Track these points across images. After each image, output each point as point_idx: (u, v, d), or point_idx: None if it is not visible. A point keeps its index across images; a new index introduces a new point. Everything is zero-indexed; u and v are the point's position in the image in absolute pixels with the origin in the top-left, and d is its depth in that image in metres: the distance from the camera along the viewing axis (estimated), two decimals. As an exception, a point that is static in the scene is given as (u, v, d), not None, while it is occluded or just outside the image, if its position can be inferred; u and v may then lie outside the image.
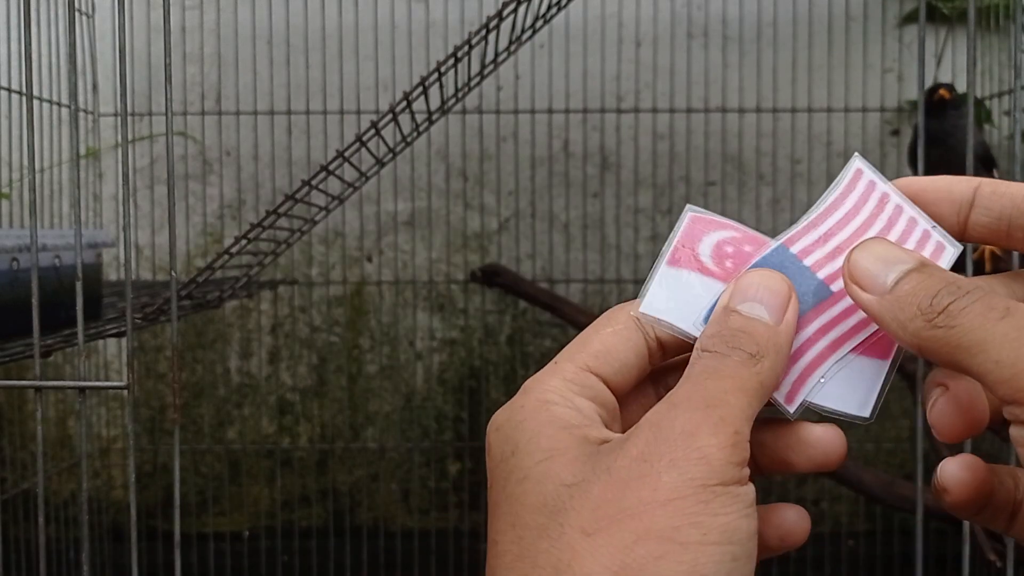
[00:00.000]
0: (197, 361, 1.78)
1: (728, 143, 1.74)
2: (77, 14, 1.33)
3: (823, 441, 0.32)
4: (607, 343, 0.31)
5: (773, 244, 0.32)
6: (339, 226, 1.75)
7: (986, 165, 1.37)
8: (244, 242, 1.00)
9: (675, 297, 0.32)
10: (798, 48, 1.71)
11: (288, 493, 1.79)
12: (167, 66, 0.70)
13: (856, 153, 0.34)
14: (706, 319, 0.31)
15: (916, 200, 0.32)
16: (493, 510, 0.30)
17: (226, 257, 1.01)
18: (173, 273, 0.73)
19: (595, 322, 0.32)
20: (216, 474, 1.79)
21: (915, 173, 1.37)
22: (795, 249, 0.32)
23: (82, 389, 0.73)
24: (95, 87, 1.72)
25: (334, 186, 1.12)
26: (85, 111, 1.70)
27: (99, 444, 1.78)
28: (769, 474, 0.32)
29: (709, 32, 1.73)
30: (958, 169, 1.25)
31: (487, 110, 1.72)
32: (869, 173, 0.33)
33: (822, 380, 0.31)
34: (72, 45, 0.71)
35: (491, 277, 1.69)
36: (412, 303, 1.77)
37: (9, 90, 1.37)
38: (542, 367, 0.32)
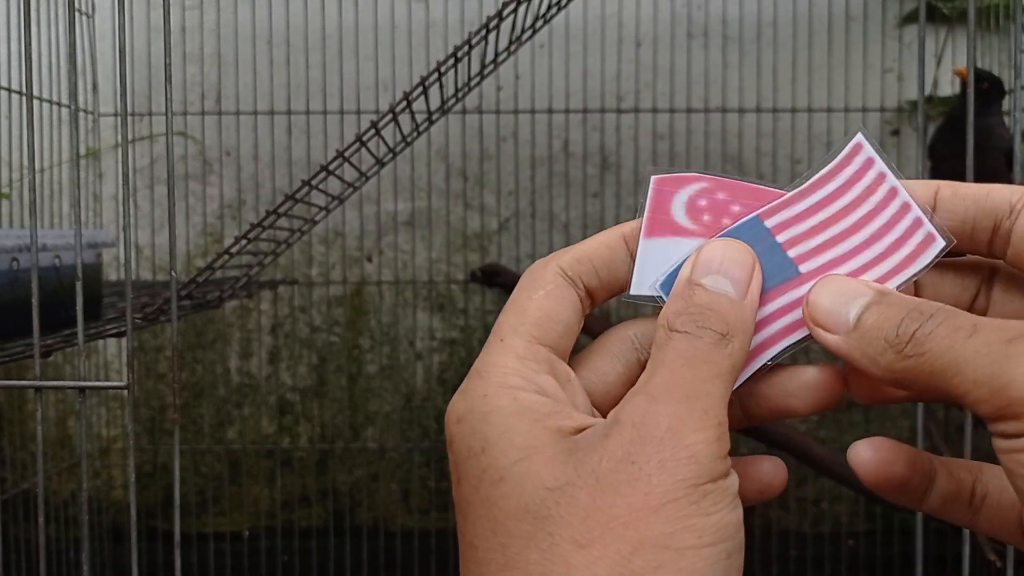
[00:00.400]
0: (197, 361, 1.78)
1: (728, 143, 1.74)
2: (77, 14, 1.33)
3: (826, 382, 0.31)
4: (545, 308, 0.30)
5: (749, 215, 0.31)
6: (339, 226, 1.75)
7: (1011, 162, 1.35)
8: (244, 242, 1.00)
9: (659, 269, 0.30)
10: (798, 48, 1.71)
11: (288, 493, 1.79)
12: (167, 66, 0.70)
13: (860, 126, 0.32)
14: (668, 278, 0.30)
15: (942, 203, 0.31)
16: (466, 510, 0.29)
17: (226, 257, 1.01)
18: (173, 273, 0.73)
19: (521, 285, 0.31)
20: (216, 474, 1.79)
21: (934, 166, 1.37)
22: (770, 223, 0.31)
23: (82, 389, 0.73)
24: (95, 87, 1.72)
25: (334, 186, 1.12)
26: (85, 111, 1.70)
27: (99, 444, 1.78)
28: (763, 423, 0.32)
29: (709, 32, 1.73)
30: (988, 164, 1.23)
31: (487, 110, 1.72)
32: (869, 149, 0.31)
33: (769, 363, 0.30)
34: (72, 45, 0.71)
35: (491, 277, 1.69)
36: (412, 303, 1.77)
37: (9, 90, 1.37)
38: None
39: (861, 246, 0.30)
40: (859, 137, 0.31)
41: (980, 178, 0.75)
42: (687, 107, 1.72)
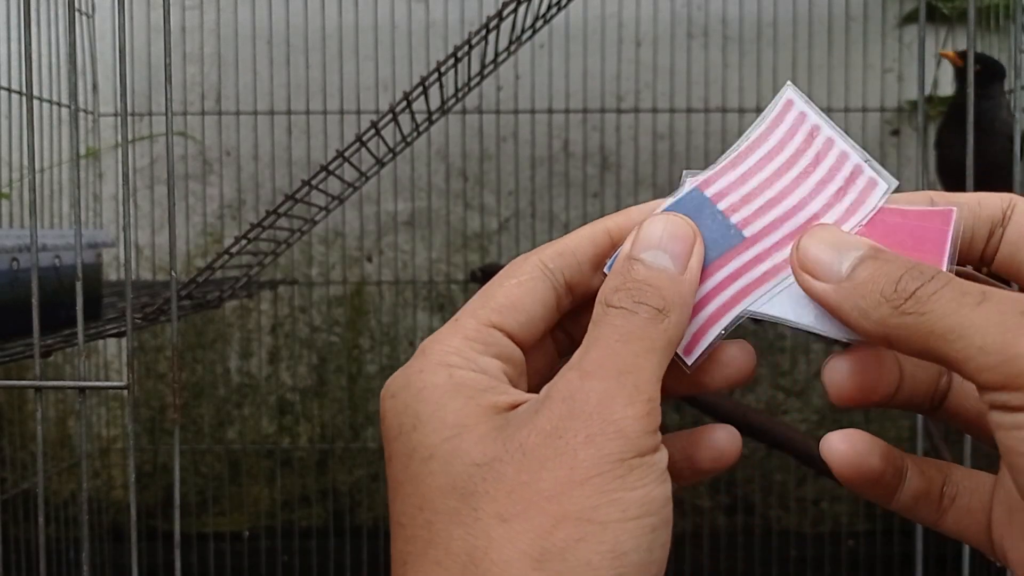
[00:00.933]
0: (197, 361, 1.78)
1: (728, 143, 1.74)
2: (77, 14, 1.33)
3: (737, 359, 0.31)
4: (512, 296, 0.30)
5: (686, 187, 0.31)
6: (339, 226, 1.75)
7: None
8: (244, 242, 1.00)
9: None
10: (798, 48, 1.71)
11: (288, 493, 1.79)
12: (167, 66, 0.70)
13: (788, 82, 0.32)
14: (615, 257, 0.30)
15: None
16: (396, 489, 0.29)
17: (226, 257, 1.01)
18: (173, 273, 0.73)
19: (499, 273, 0.31)
20: (216, 474, 1.79)
21: (941, 156, 1.36)
22: (710, 192, 0.30)
23: (82, 389, 0.73)
24: (95, 87, 1.72)
25: (334, 186, 1.12)
26: (85, 111, 1.70)
27: (99, 444, 1.78)
28: (682, 397, 0.32)
29: (709, 32, 1.73)
30: (992, 150, 1.21)
31: (487, 110, 1.72)
32: (800, 104, 0.31)
33: (723, 332, 0.30)
34: (72, 45, 0.71)
35: (491, 277, 1.69)
36: (412, 303, 1.77)
37: (9, 90, 1.37)
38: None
39: (804, 200, 0.30)
40: (788, 92, 0.31)
41: (986, 164, 0.74)
42: (687, 107, 1.72)
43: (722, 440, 0.32)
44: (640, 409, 0.27)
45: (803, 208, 0.30)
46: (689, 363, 0.30)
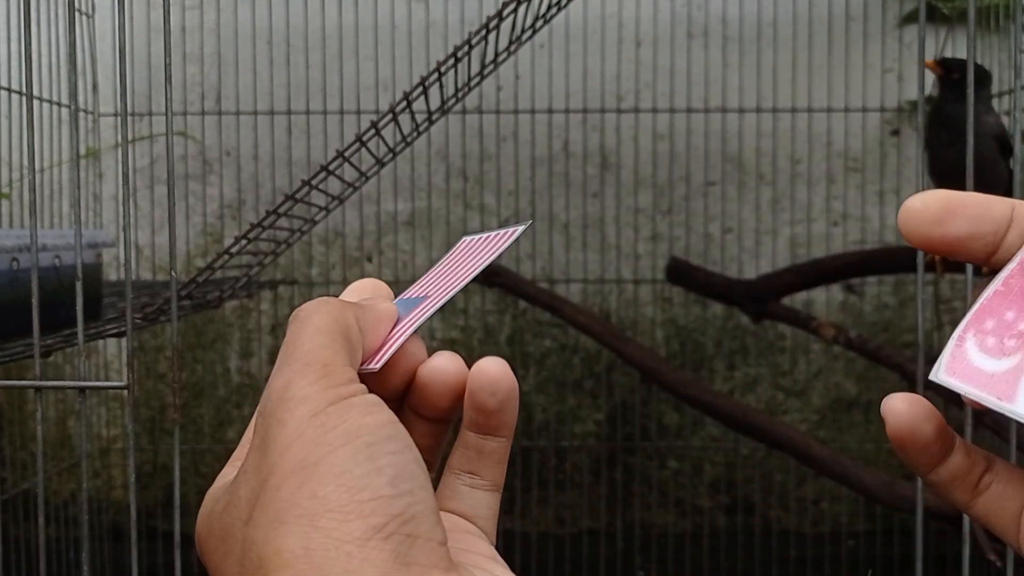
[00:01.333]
0: (197, 361, 1.78)
1: (728, 143, 1.74)
2: (77, 14, 1.33)
3: (415, 355, 0.35)
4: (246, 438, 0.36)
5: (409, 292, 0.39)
6: (339, 226, 1.75)
7: (1003, 147, 1.35)
8: (244, 242, 1.00)
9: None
10: (798, 48, 1.71)
11: (288, 493, 1.79)
12: (167, 66, 0.70)
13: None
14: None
15: (954, 215, 0.32)
16: None
17: (226, 257, 1.01)
18: (173, 273, 0.73)
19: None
20: (216, 474, 1.79)
21: (930, 158, 1.37)
22: (408, 294, 0.39)
23: (82, 389, 0.73)
24: (95, 87, 1.72)
25: (334, 186, 1.12)
26: (85, 111, 1.70)
27: (99, 444, 1.78)
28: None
29: (709, 32, 1.73)
30: (978, 150, 1.23)
31: (487, 110, 1.72)
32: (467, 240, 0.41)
33: (399, 343, 0.35)
34: (72, 45, 0.71)
35: (491, 277, 1.69)
36: (412, 303, 1.77)
37: (9, 90, 1.37)
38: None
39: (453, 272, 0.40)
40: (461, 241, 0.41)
41: (975, 165, 0.75)
42: (687, 107, 1.72)
43: (483, 369, 0.34)
44: (313, 376, 0.30)
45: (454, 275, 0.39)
46: (375, 366, 0.34)
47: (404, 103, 1.01)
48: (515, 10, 1.02)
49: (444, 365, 0.34)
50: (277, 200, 1.30)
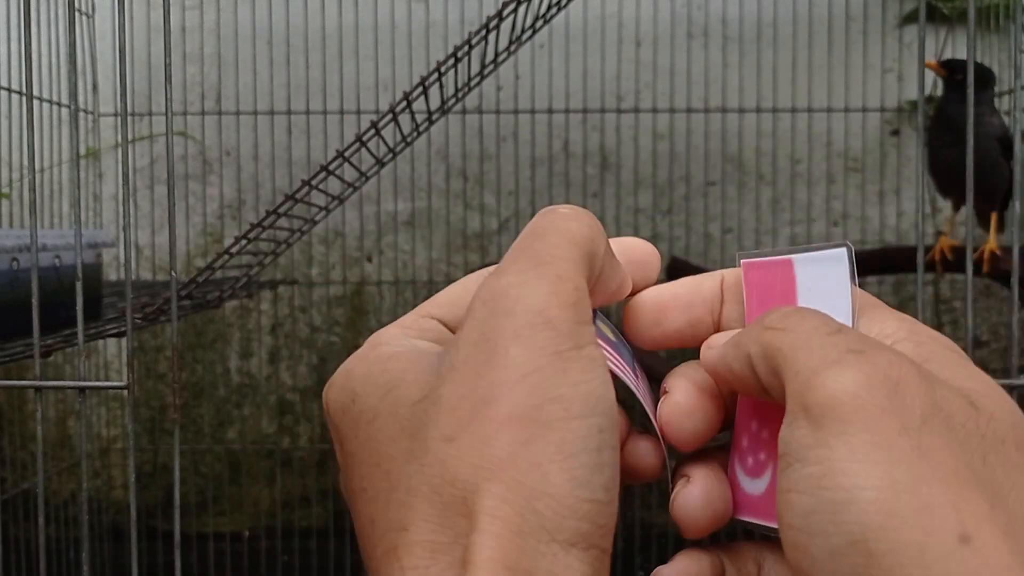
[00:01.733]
0: (197, 361, 1.78)
1: (728, 143, 1.74)
2: (77, 14, 1.33)
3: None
4: (453, 294, 0.30)
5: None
6: (339, 226, 1.75)
7: (1006, 148, 1.35)
8: (244, 242, 1.00)
9: None
10: (798, 48, 1.71)
11: (288, 493, 1.79)
12: (167, 66, 0.70)
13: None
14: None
15: (666, 310, 0.31)
16: (351, 467, 0.27)
17: (226, 257, 1.01)
18: (173, 273, 0.73)
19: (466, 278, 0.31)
20: (216, 474, 1.79)
21: (930, 158, 1.37)
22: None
23: (82, 389, 0.73)
24: (95, 87, 1.72)
25: (334, 186, 1.12)
26: (85, 111, 1.70)
27: (99, 444, 1.78)
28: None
29: (709, 32, 1.73)
30: (981, 151, 1.24)
31: (487, 110, 1.72)
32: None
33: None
34: (72, 45, 0.71)
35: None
36: (412, 303, 1.77)
37: (9, 90, 1.37)
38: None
39: None
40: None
41: (976, 165, 0.75)
42: (687, 107, 1.72)
43: (641, 452, 0.29)
44: (566, 297, 0.25)
45: None
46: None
47: (404, 103, 1.01)
48: (515, 10, 1.02)
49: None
50: (277, 200, 1.30)
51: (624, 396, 0.29)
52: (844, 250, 0.29)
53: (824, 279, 0.29)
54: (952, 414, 0.24)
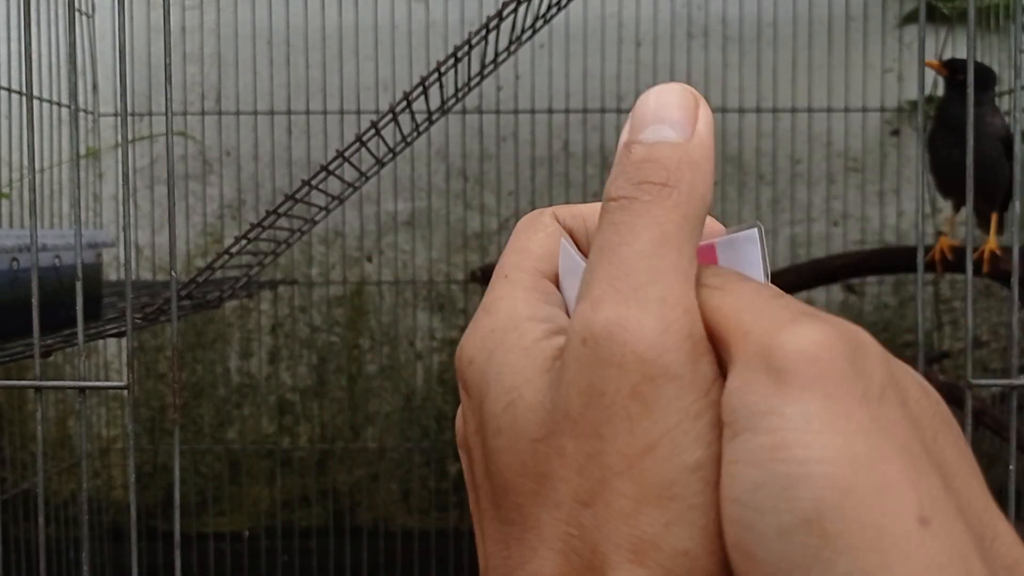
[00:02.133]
0: (197, 361, 1.78)
1: (728, 143, 1.74)
2: (77, 14, 1.33)
3: None
4: (546, 247, 0.27)
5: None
6: (339, 226, 1.75)
7: (1008, 148, 1.35)
8: (244, 242, 1.00)
9: None
10: (798, 48, 1.71)
11: (288, 493, 1.79)
12: (167, 66, 0.70)
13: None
14: None
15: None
16: (481, 463, 0.25)
17: (226, 257, 1.01)
18: (173, 273, 0.73)
19: (520, 229, 0.28)
20: (216, 474, 1.79)
21: (931, 158, 1.37)
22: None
23: (82, 389, 0.73)
24: (95, 87, 1.72)
25: (334, 186, 1.12)
26: (85, 111, 1.70)
27: (99, 444, 1.78)
28: None
29: (709, 32, 1.73)
30: (984, 151, 1.24)
31: (487, 110, 1.72)
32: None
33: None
34: (72, 45, 0.71)
35: (491, 277, 1.69)
36: (412, 303, 1.77)
37: (9, 90, 1.37)
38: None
39: None
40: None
41: (976, 164, 0.75)
42: (687, 107, 1.72)
43: None
44: (678, 330, 0.22)
45: None
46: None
47: (404, 103, 1.01)
48: (515, 10, 1.02)
49: None
50: (277, 200, 1.30)
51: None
52: (755, 230, 0.29)
53: (740, 259, 0.29)
54: (907, 388, 0.23)
